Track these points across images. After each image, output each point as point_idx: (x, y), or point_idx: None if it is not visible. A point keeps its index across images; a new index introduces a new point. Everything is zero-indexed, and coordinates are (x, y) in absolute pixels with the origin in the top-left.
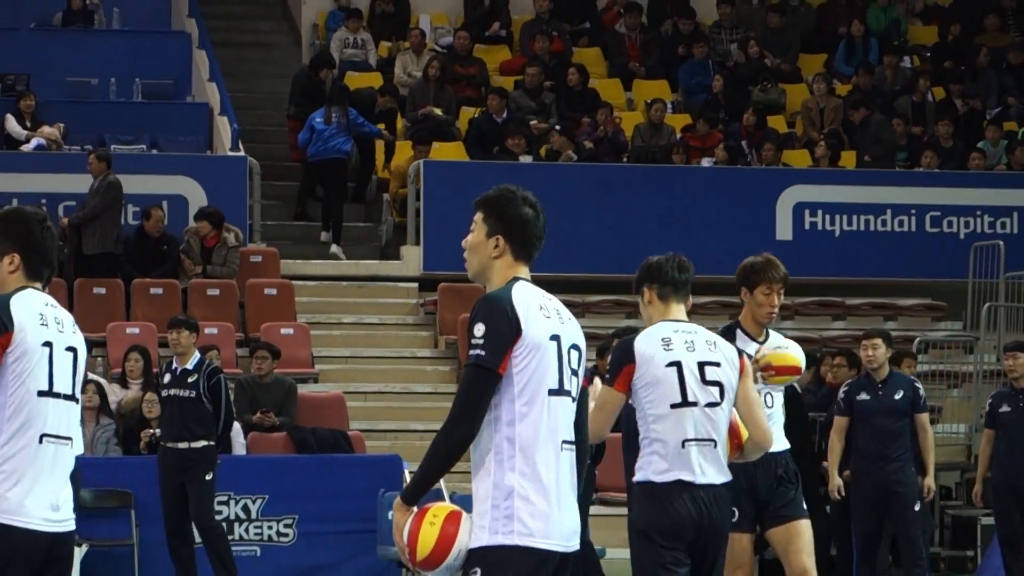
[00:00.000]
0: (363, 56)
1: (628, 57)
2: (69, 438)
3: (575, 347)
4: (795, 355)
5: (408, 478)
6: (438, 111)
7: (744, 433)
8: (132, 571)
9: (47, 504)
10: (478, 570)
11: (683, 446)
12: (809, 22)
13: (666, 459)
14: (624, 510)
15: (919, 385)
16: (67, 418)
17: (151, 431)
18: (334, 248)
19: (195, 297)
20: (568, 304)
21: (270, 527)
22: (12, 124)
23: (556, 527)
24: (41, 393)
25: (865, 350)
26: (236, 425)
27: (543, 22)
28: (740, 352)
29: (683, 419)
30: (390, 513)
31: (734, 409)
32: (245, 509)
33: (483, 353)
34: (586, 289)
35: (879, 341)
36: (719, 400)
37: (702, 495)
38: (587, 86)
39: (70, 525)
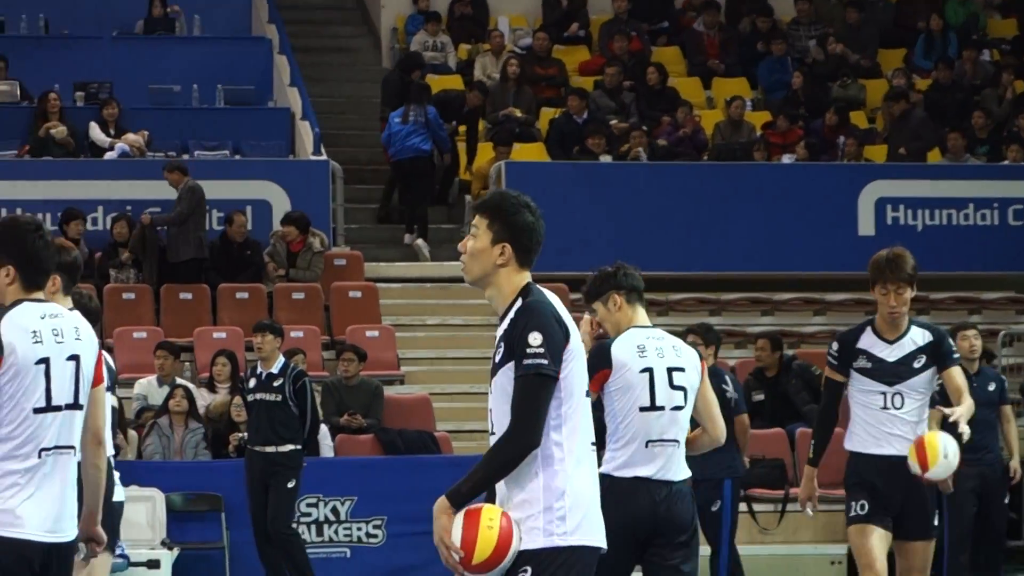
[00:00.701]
0: (443, 59)
1: (707, 55)
2: (71, 447)
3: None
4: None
5: None
6: (518, 112)
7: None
8: (223, 574)
9: (45, 515)
10: (528, 569)
11: (647, 446)
12: (887, 17)
13: (630, 456)
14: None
15: (1003, 377)
16: (69, 428)
17: (240, 435)
18: (419, 242)
19: (280, 301)
20: (652, 303)
21: (359, 528)
22: (96, 132)
23: (598, 524)
24: (38, 410)
25: (965, 341)
26: (323, 428)
27: (621, 22)
28: (700, 356)
29: (649, 421)
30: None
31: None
32: (334, 511)
33: (546, 362)
34: (669, 287)
35: (976, 332)
36: (683, 404)
37: (661, 491)
38: (666, 85)
39: (69, 535)
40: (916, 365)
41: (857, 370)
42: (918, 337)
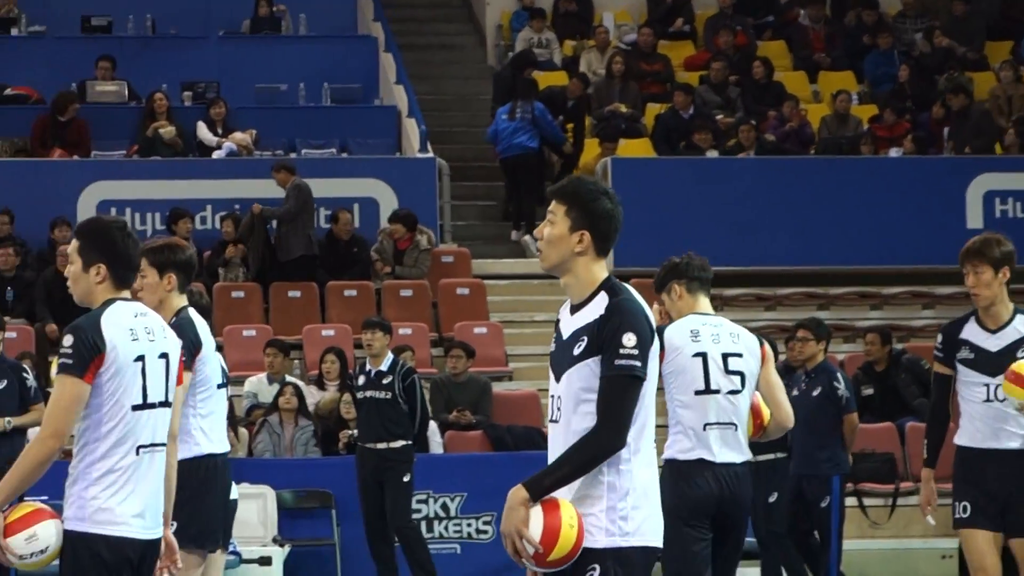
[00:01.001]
0: (548, 55)
1: (813, 49)
2: (163, 444)
3: None
4: None
5: None
6: (623, 108)
7: (766, 414)
8: (335, 570)
9: (142, 512)
10: (597, 567)
11: (704, 429)
12: (994, 9)
13: (690, 440)
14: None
15: None
16: (162, 425)
17: (350, 432)
18: (526, 238)
19: (388, 298)
20: (760, 298)
21: (469, 525)
22: (203, 131)
23: (659, 525)
24: (136, 407)
25: None
26: (432, 424)
27: (726, 16)
28: (761, 341)
29: (706, 405)
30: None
31: (757, 392)
32: (444, 507)
33: (639, 364)
34: (777, 282)
35: None
36: (740, 388)
37: (722, 473)
38: (772, 79)
39: (159, 532)
40: (1021, 355)
41: (961, 361)
42: (1022, 325)
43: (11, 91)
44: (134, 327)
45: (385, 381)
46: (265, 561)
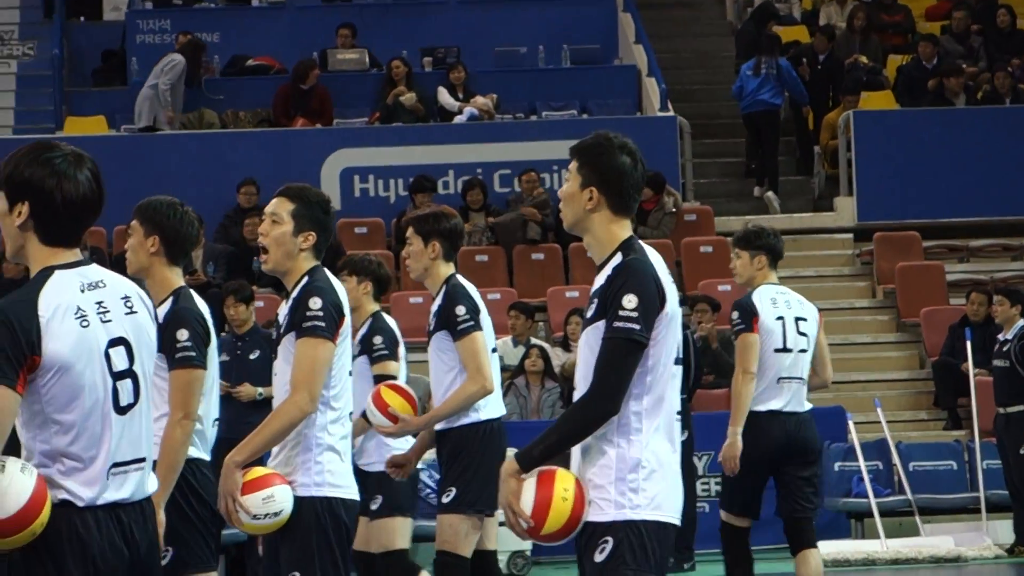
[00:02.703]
0: (788, 9)
1: None
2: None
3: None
4: None
5: (852, 428)
6: (865, 59)
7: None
8: None
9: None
10: (610, 539)
11: (778, 382)
12: None
13: (764, 391)
14: None
15: None
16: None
17: None
18: (769, 194)
19: None
20: (1005, 248)
21: (718, 483)
22: (445, 96)
23: (675, 499)
24: (349, 373)
25: None
26: None
27: None
28: (819, 310)
29: (781, 360)
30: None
31: None
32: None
33: (637, 327)
34: (1023, 232)
35: None
36: (807, 348)
37: (791, 420)
38: (1016, 27)
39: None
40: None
41: None
42: None
43: (253, 62)
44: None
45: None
46: None
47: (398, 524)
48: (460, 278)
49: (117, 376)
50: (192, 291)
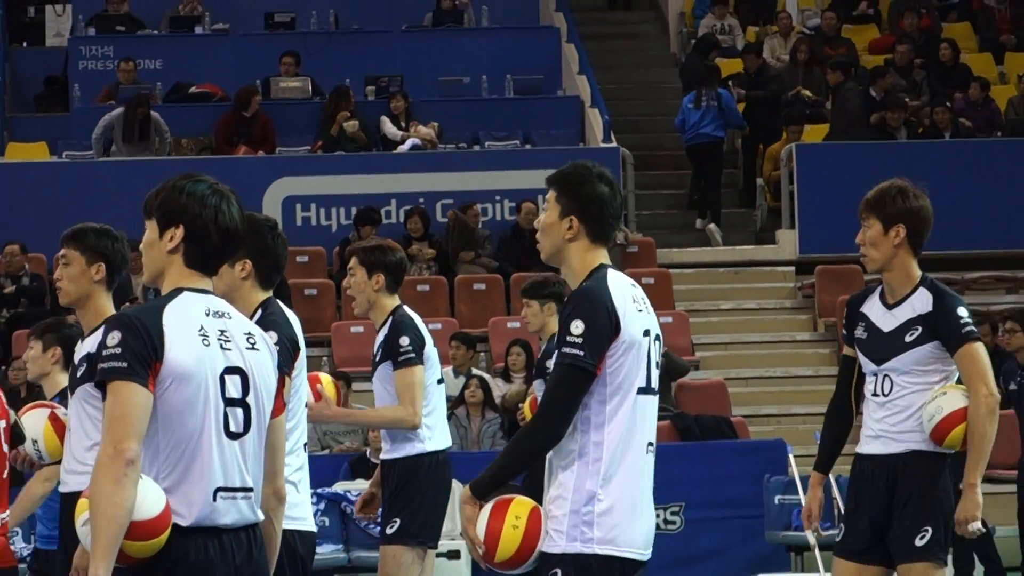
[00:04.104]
0: (731, 41)
1: (999, 31)
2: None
3: (658, 338)
4: None
5: (792, 462)
6: (808, 93)
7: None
8: None
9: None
10: (558, 572)
11: None
12: None
13: None
14: (1011, 487)
15: None
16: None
17: None
18: (711, 227)
19: None
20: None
21: (658, 515)
22: (387, 125)
23: (636, 535)
24: (305, 405)
25: None
26: None
27: None
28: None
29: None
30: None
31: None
32: None
33: (581, 353)
34: (964, 266)
35: None
36: None
37: None
38: (958, 61)
39: None
40: (908, 339)
41: (856, 341)
42: (921, 303)
43: (196, 89)
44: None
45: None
46: (454, 555)
47: (410, 556)
48: (407, 309)
49: (229, 402)
50: None
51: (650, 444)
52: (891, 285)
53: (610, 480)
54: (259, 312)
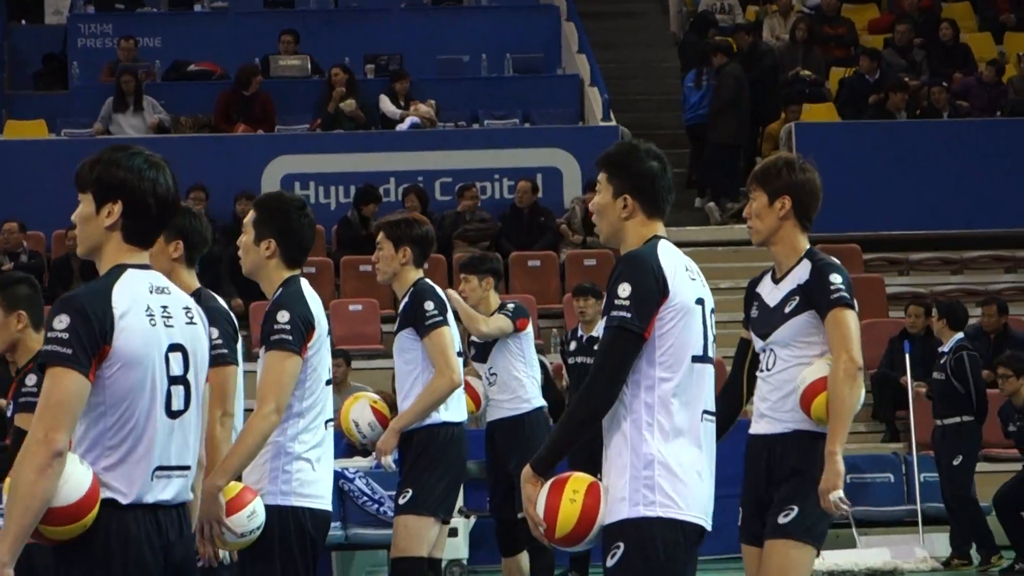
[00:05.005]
0: (731, 20)
1: (999, 10)
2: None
3: (712, 311)
4: None
5: None
6: (807, 72)
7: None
8: None
9: (328, 487)
10: (621, 545)
11: None
12: None
13: None
14: (1006, 467)
15: None
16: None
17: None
18: (710, 205)
19: (572, 268)
20: (946, 261)
21: None
22: (386, 104)
23: (697, 499)
24: (328, 382)
25: None
26: None
27: None
28: None
29: None
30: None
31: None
32: None
33: (628, 315)
34: (964, 245)
35: None
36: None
37: None
38: (958, 41)
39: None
40: (787, 310)
41: (750, 321)
42: (802, 274)
43: (195, 67)
44: (319, 302)
45: (596, 347)
46: (451, 532)
47: (422, 526)
48: (428, 280)
49: (172, 381)
50: (211, 291)
51: (707, 413)
52: (778, 259)
53: (667, 443)
54: (280, 291)
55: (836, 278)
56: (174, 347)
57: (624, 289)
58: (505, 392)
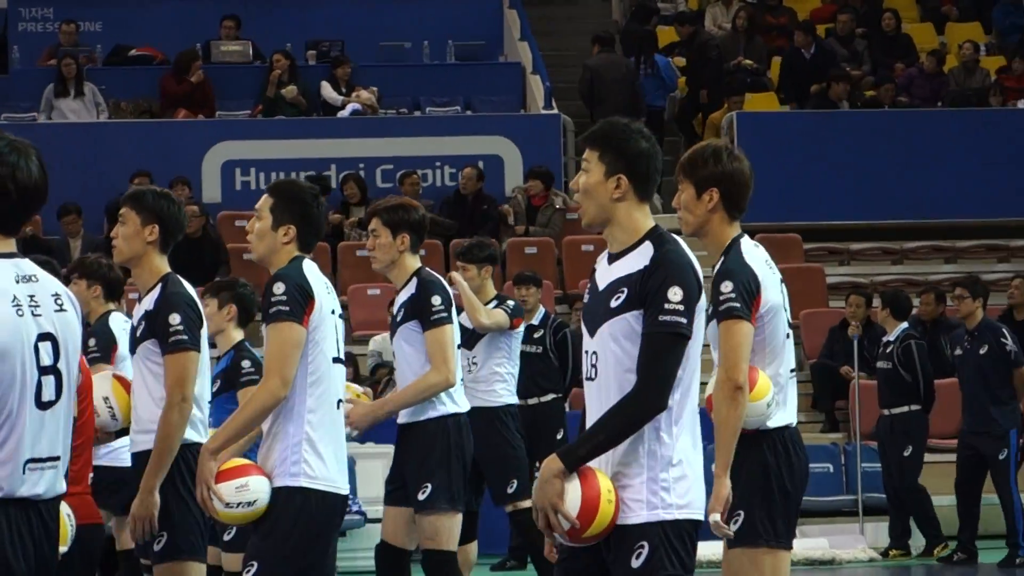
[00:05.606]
0: (673, 8)
1: (941, 1)
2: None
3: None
4: None
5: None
6: (749, 62)
7: None
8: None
9: (341, 467)
10: (645, 544)
11: None
12: None
13: None
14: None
15: None
16: (343, 381)
17: None
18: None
19: (513, 256)
20: (886, 251)
21: None
22: (328, 90)
23: (702, 497)
24: (334, 360)
25: None
26: None
27: None
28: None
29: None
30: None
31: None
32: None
33: (684, 321)
34: (904, 236)
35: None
36: None
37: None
38: (900, 31)
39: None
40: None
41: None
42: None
43: (136, 52)
44: (327, 283)
45: (536, 335)
46: None
47: (451, 523)
48: (430, 271)
49: (43, 371)
50: (179, 277)
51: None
52: (709, 251)
53: (680, 444)
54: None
55: (727, 285)
56: (43, 336)
57: (676, 293)
58: (482, 383)
